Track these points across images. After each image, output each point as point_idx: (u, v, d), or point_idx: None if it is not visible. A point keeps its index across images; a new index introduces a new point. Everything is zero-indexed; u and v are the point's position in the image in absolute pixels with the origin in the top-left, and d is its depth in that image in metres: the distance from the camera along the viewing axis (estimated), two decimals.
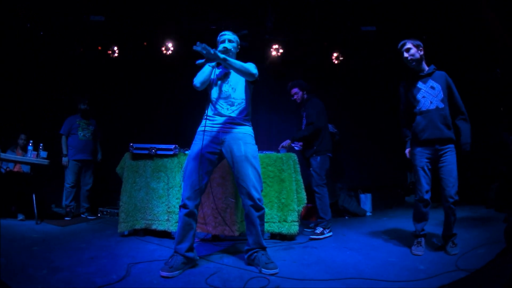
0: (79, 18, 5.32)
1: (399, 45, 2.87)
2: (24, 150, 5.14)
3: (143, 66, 6.37)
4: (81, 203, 5.14)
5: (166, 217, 3.49)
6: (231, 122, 2.54)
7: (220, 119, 2.55)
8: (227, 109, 2.55)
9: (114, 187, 4.43)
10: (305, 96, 4.07)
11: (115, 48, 6.19)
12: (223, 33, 2.71)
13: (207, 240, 3.44)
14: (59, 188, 5.44)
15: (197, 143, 2.52)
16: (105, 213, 5.09)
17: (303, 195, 3.57)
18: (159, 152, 3.49)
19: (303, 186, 3.60)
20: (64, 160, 5.00)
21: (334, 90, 6.44)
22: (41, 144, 4.57)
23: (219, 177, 3.34)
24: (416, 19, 5.44)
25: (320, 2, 5.25)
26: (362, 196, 5.99)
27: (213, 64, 2.49)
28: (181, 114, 6.37)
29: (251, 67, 2.52)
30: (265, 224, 3.40)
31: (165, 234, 3.55)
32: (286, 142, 3.86)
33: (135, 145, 3.55)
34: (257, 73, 2.54)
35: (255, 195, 2.45)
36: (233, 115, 2.55)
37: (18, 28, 5.51)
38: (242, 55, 2.73)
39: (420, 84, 2.85)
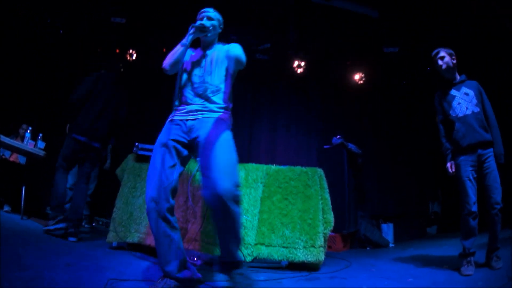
0: (100, 18, 5.16)
1: (433, 53, 2.95)
2: (23, 140, 4.82)
3: (160, 73, 6.16)
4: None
5: None
6: (201, 110, 2.08)
7: (189, 107, 2.10)
8: (199, 96, 2.11)
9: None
10: None
11: (133, 52, 6.00)
12: (203, 10, 2.32)
13: (210, 264, 2.83)
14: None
15: (161, 134, 2.05)
16: (100, 223, 4.67)
17: (331, 216, 3.04)
18: None
19: (330, 206, 3.09)
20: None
21: (357, 110, 6.12)
22: (40, 134, 4.27)
23: None
24: (438, 39, 5.21)
25: (342, 21, 5.12)
26: (384, 226, 5.50)
27: (186, 43, 2.10)
28: None
29: (240, 51, 2.14)
30: (285, 249, 2.94)
31: None
32: None
33: (141, 145, 3.12)
34: (245, 59, 2.14)
35: (223, 185, 1.81)
36: (205, 102, 2.10)
37: (38, 23, 5.40)
38: (264, 69, 2.37)
39: (453, 92, 2.92)
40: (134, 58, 6.03)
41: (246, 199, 2.89)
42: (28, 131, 4.27)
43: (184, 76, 2.19)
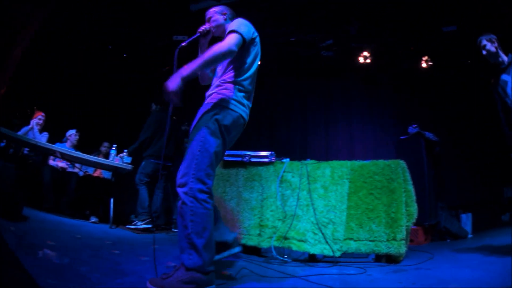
0: (163, 37, 5.53)
1: (477, 43, 2.91)
2: (106, 157, 5.26)
3: None
4: (173, 215, 5.04)
5: (258, 231, 3.17)
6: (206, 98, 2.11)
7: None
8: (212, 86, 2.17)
9: None
10: None
11: None
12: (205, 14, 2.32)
13: (301, 261, 3.02)
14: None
15: None
16: None
17: (414, 208, 3.03)
18: (253, 160, 3.24)
19: (414, 198, 3.08)
20: None
21: (428, 96, 5.89)
22: (125, 150, 4.65)
23: (321, 187, 2.99)
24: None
25: (398, 5, 4.95)
26: (463, 216, 5.24)
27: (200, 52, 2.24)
28: (275, 120, 6.34)
29: (225, 43, 1.94)
30: (371, 243, 2.98)
31: (254, 251, 3.21)
32: None
33: (227, 152, 3.33)
34: (234, 43, 1.94)
35: (176, 178, 1.90)
36: (210, 91, 2.13)
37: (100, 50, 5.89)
38: (331, 65, 2.45)
39: (504, 77, 2.80)
40: None
41: (333, 196, 2.96)
42: (113, 148, 4.69)
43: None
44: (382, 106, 4.02)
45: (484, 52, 2.85)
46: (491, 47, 2.80)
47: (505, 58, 2.84)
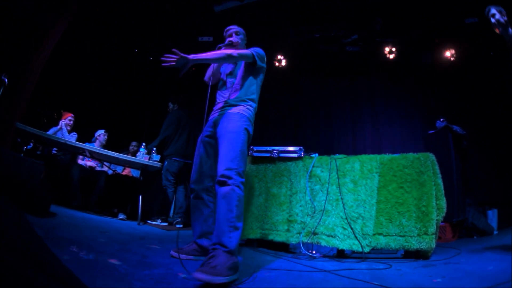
0: (188, 39, 5.63)
1: (486, 11, 2.86)
2: (135, 156, 5.41)
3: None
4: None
5: (287, 227, 3.18)
6: (224, 105, 2.51)
7: (217, 106, 2.58)
8: (224, 95, 2.57)
9: None
10: None
11: None
12: (228, 27, 2.76)
13: (329, 257, 2.99)
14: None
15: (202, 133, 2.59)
16: None
17: (444, 202, 2.99)
18: (281, 155, 3.27)
19: (443, 192, 3.04)
20: None
21: (455, 89, 5.79)
22: (154, 148, 4.75)
23: (350, 182, 2.99)
24: None
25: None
26: (489, 212, 5.16)
27: None
28: (301, 118, 6.38)
29: (244, 52, 2.50)
30: (401, 238, 2.96)
31: (282, 247, 3.22)
32: None
33: (256, 148, 3.38)
34: (251, 53, 2.50)
35: (219, 170, 2.14)
36: (227, 99, 2.52)
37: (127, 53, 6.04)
38: (356, 60, 2.53)
39: None
40: None
41: (363, 190, 2.95)
42: (142, 147, 4.81)
43: (220, 83, 2.70)
44: (408, 100, 3.97)
45: (492, 20, 2.82)
46: (501, 18, 2.79)
47: None
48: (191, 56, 2.19)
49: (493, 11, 2.83)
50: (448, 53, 6.00)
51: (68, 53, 5.29)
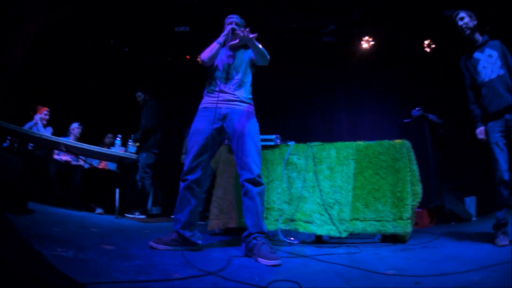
0: (164, 29, 5.53)
1: (454, 15, 2.96)
2: (109, 148, 5.29)
3: None
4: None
5: (264, 215, 3.19)
6: (235, 100, 2.56)
7: (224, 96, 2.55)
8: (231, 87, 2.58)
9: None
10: None
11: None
12: (230, 16, 2.72)
13: (308, 243, 3.03)
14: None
15: (199, 120, 2.54)
16: None
17: (419, 188, 3.07)
18: None
19: (419, 178, 3.10)
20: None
21: (430, 79, 5.89)
22: (130, 140, 4.68)
23: (327, 169, 3.01)
24: None
25: None
26: (467, 199, 5.28)
27: (222, 42, 2.55)
28: (278, 107, 6.42)
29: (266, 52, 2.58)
30: (377, 223, 3.00)
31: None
32: None
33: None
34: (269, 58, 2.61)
35: (256, 170, 2.40)
36: (237, 93, 2.57)
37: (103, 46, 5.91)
38: (333, 50, 2.58)
39: (477, 55, 2.88)
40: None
41: (339, 176, 2.98)
42: (118, 139, 4.72)
43: (218, 69, 2.63)
44: (385, 89, 4.04)
45: (460, 23, 2.91)
46: (470, 22, 2.86)
47: (479, 38, 2.91)
48: (252, 35, 2.40)
49: (462, 14, 2.93)
50: (425, 45, 6.08)
51: (40, 46, 5.13)
